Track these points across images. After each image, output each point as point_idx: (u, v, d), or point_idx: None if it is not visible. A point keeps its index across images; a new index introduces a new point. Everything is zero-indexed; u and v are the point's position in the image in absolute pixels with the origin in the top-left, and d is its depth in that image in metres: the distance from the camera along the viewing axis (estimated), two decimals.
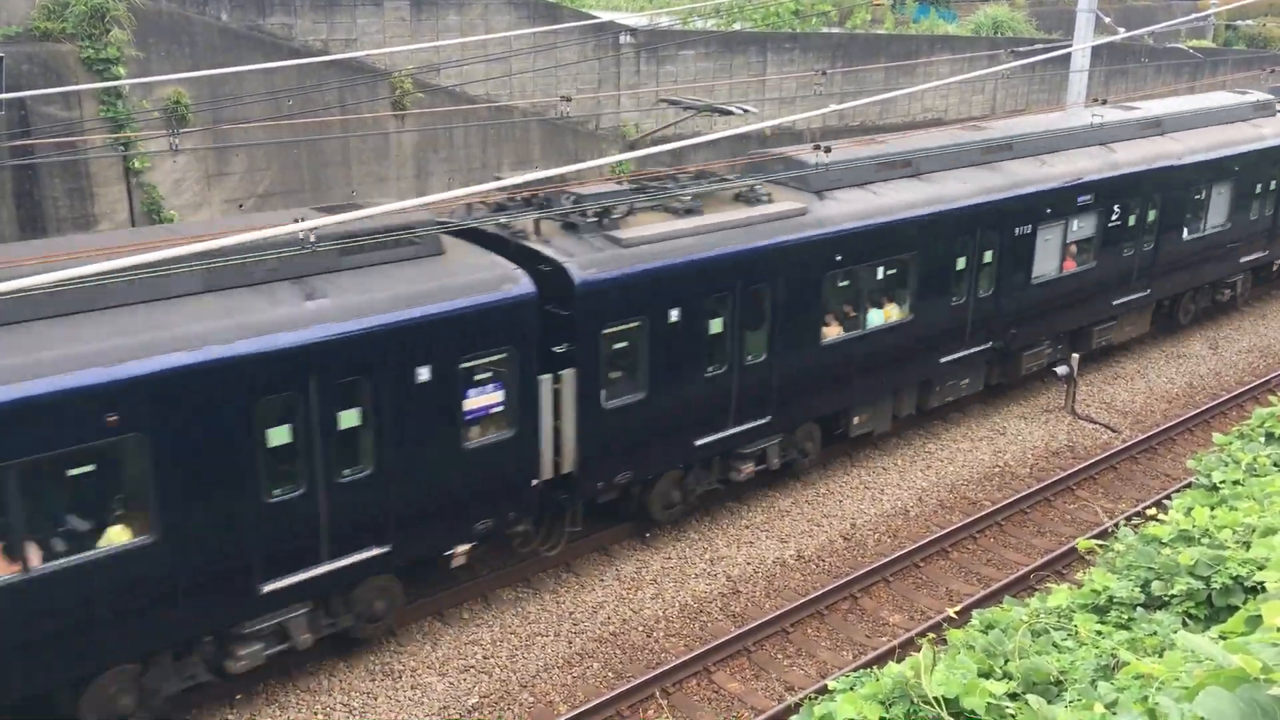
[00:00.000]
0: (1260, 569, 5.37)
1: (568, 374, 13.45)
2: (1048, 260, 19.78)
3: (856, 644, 13.68)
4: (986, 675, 4.86)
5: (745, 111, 17.84)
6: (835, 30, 34.14)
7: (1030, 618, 5.81)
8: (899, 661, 4.87)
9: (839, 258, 16.14)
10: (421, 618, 13.69)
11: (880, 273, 16.99)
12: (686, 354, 14.56)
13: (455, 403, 12.38)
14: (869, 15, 37.55)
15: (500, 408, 12.86)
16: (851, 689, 4.93)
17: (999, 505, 16.78)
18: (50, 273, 7.85)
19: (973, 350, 18.82)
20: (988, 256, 18.48)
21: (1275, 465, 8.06)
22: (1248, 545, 5.88)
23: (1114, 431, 19.93)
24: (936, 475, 18.01)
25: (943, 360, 18.32)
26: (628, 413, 14.13)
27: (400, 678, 12.75)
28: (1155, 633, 5.36)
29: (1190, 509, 6.79)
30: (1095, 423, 20.23)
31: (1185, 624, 5.51)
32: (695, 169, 17.58)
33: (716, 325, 14.84)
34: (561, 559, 14.89)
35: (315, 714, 12.14)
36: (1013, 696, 4.65)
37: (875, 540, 16.05)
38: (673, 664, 12.85)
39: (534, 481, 13.39)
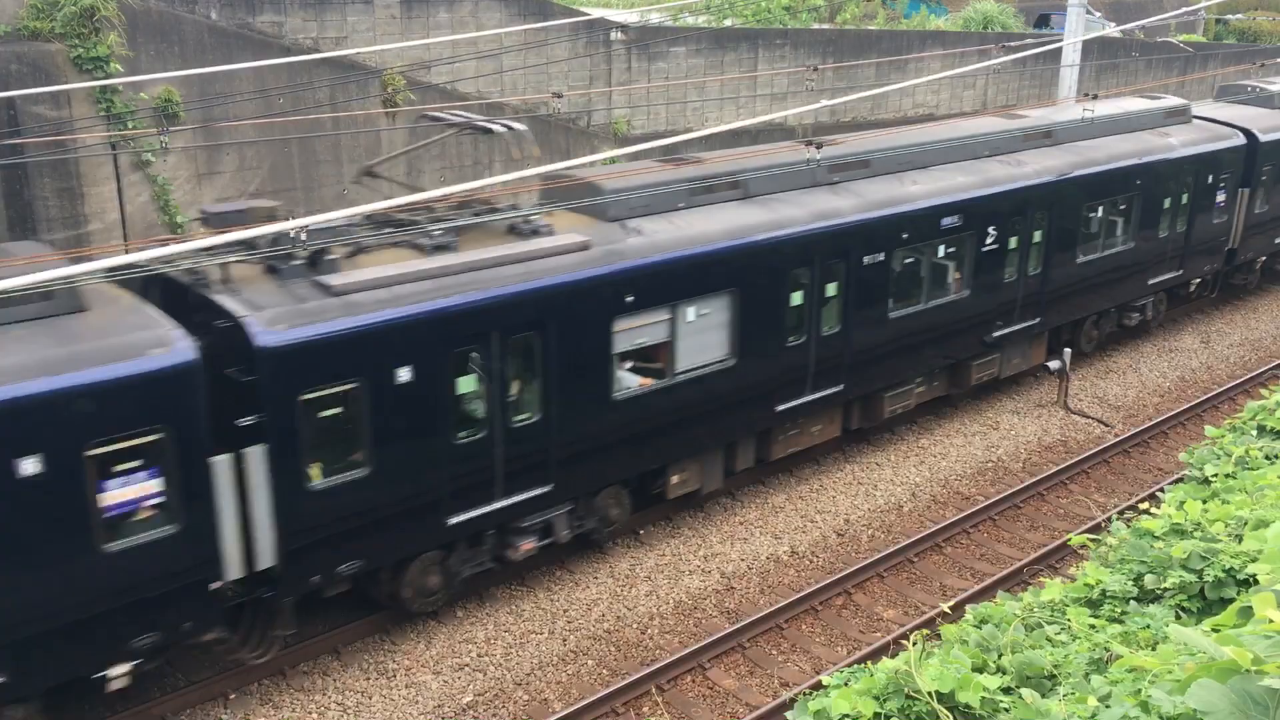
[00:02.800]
0: (1252, 561, 5.38)
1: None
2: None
3: (851, 639, 13.70)
4: (980, 669, 4.88)
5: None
6: (826, 26, 34.14)
7: (1024, 612, 5.83)
8: (893, 657, 4.87)
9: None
10: (415, 616, 13.67)
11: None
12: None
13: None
14: (860, 11, 37.55)
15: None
16: (846, 684, 4.93)
17: (992, 500, 16.82)
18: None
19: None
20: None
21: (1267, 458, 8.09)
22: (1240, 538, 5.90)
23: (1106, 426, 19.98)
24: (930, 470, 18.03)
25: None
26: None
27: (394, 676, 12.74)
28: (1148, 626, 5.38)
29: (1183, 502, 6.81)
30: (1088, 417, 20.27)
31: (1178, 617, 5.53)
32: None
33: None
34: (558, 557, 14.89)
35: (310, 713, 12.12)
36: (1007, 690, 4.67)
37: (869, 536, 16.07)
38: (667, 661, 12.86)
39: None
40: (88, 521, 10.21)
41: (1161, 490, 13.50)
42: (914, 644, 4.75)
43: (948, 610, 8.35)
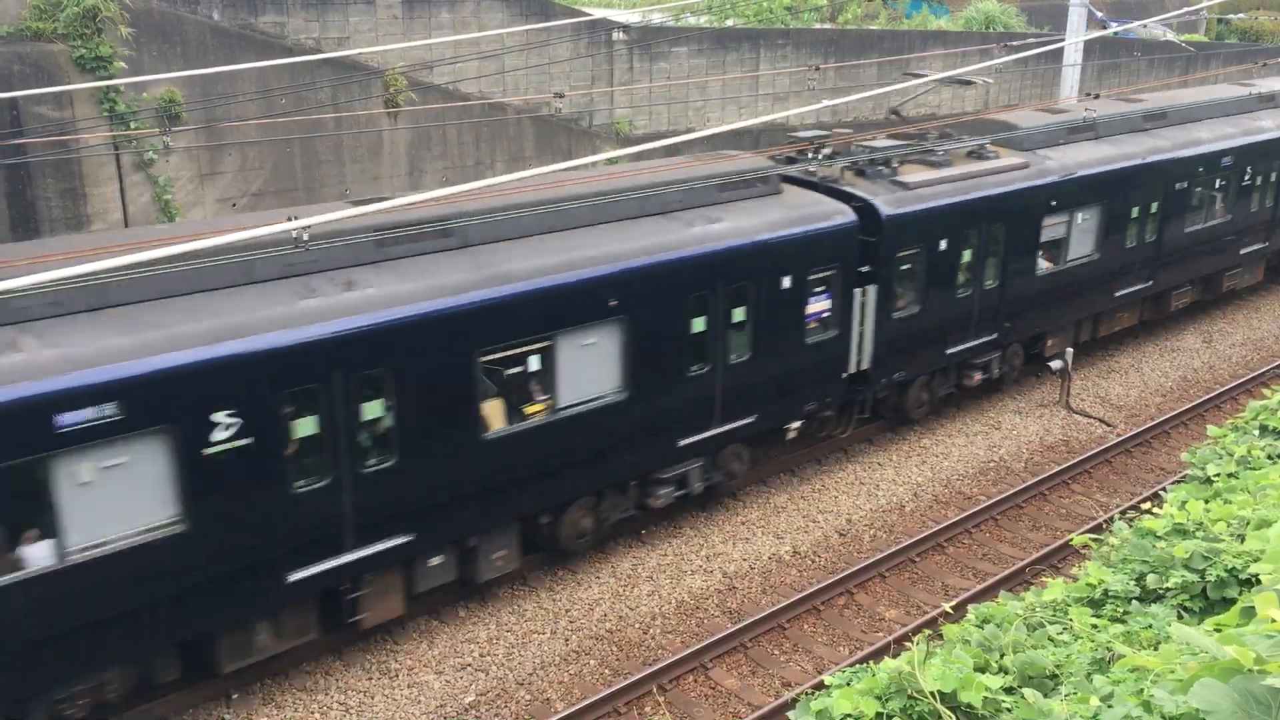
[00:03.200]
0: (1254, 561, 5.38)
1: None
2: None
3: (853, 639, 13.70)
4: (982, 669, 4.87)
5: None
6: (828, 26, 34.14)
7: (1026, 612, 5.82)
8: (895, 657, 4.88)
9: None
10: (418, 616, 13.68)
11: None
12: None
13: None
14: (861, 11, 37.54)
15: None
16: (848, 684, 4.93)
17: (994, 500, 16.81)
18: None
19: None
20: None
21: (1269, 458, 8.09)
22: (1242, 538, 5.89)
23: (1108, 425, 19.97)
24: (932, 470, 18.03)
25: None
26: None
27: (397, 676, 12.75)
28: (1150, 626, 5.37)
29: (1185, 502, 6.80)
30: (1090, 417, 20.27)
31: (1180, 617, 5.53)
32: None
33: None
34: (559, 557, 14.91)
35: (312, 713, 12.13)
36: (1009, 690, 4.67)
37: (871, 536, 16.07)
38: (669, 660, 12.86)
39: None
40: (803, 323, 15.96)
41: (1164, 490, 13.50)
42: (916, 644, 4.75)
43: (950, 610, 8.34)
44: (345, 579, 12.09)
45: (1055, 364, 20.51)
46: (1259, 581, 5.11)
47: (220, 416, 10.57)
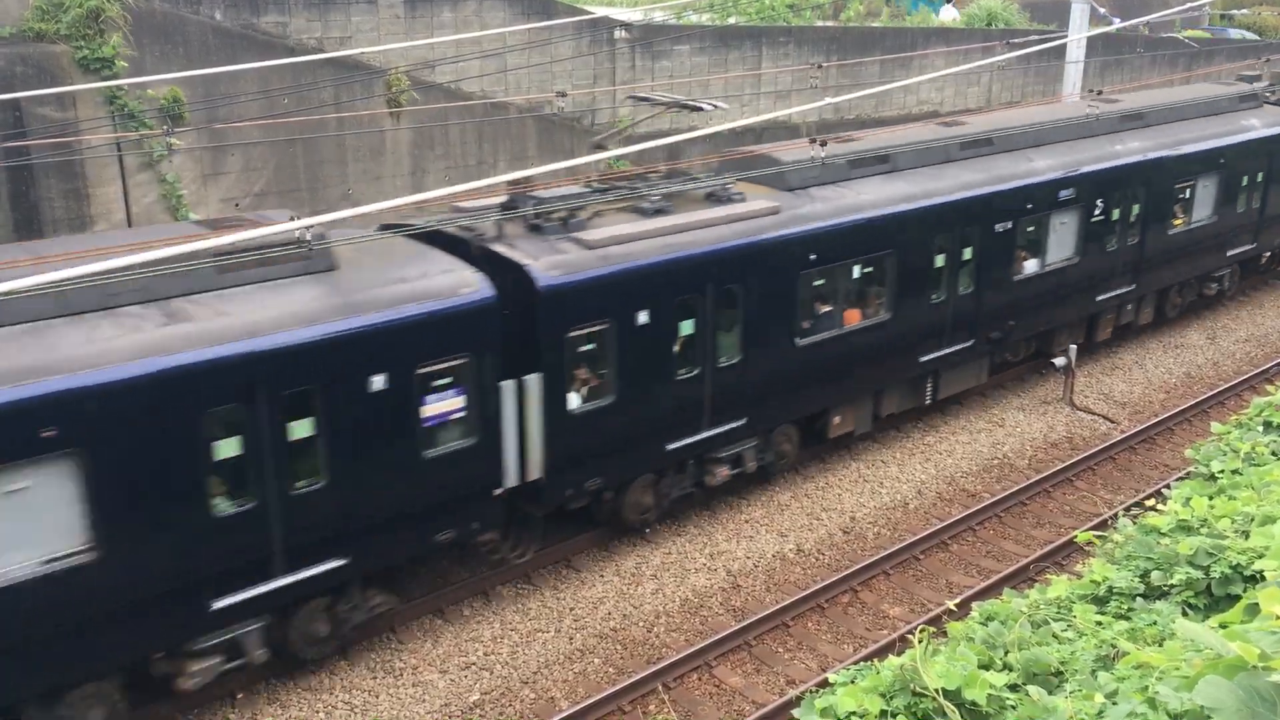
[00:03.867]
0: (1259, 558, 5.37)
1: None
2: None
3: (857, 637, 13.69)
4: (987, 667, 4.87)
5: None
6: (830, 24, 34.12)
7: (1030, 609, 5.81)
8: (899, 654, 4.87)
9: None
10: (422, 615, 13.70)
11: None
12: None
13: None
14: (863, 8, 37.52)
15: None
16: (852, 682, 4.93)
17: (998, 497, 16.80)
18: None
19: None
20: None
21: (1273, 454, 8.07)
22: (1246, 534, 5.89)
23: (1112, 422, 19.95)
24: (935, 468, 18.02)
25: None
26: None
27: (401, 675, 12.76)
28: (1155, 623, 5.37)
29: (1189, 499, 6.80)
30: (1093, 414, 20.25)
31: (1185, 614, 5.52)
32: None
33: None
34: (562, 555, 14.92)
35: (317, 712, 12.15)
36: (1013, 688, 4.66)
37: (875, 533, 16.07)
38: (673, 659, 12.87)
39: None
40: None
41: (1168, 487, 13.48)
42: (920, 641, 4.75)
43: (954, 607, 8.34)
44: None
45: (1059, 361, 20.48)
46: (1264, 578, 5.11)
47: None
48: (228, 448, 10.94)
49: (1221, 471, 7.74)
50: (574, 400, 13.70)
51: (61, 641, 10.34)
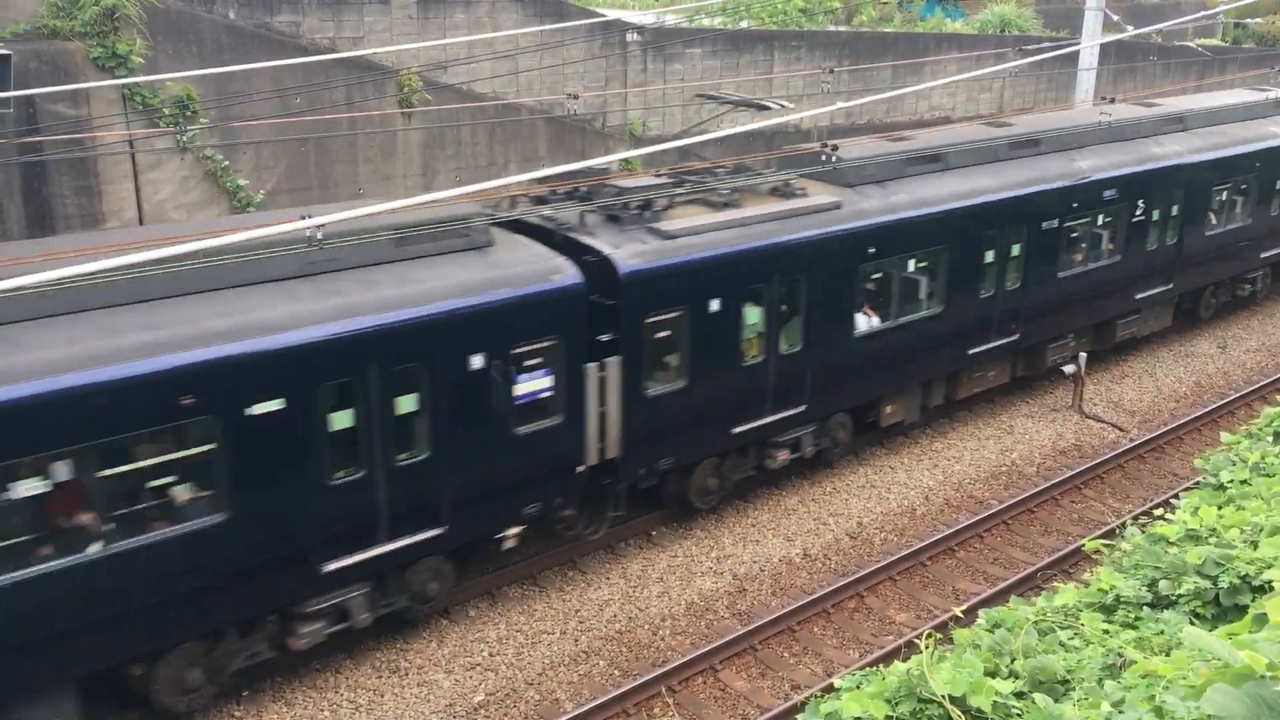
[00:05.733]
0: (1268, 568, 5.36)
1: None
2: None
3: (863, 642, 13.67)
4: (993, 674, 4.86)
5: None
6: (842, 28, 34.09)
7: (1037, 616, 5.80)
8: (905, 660, 4.87)
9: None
10: (428, 615, 13.71)
11: None
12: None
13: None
14: (875, 13, 37.48)
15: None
16: (858, 687, 4.92)
17: (1006, 504, 16.76)
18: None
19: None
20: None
21: None
22: (1255, 544, 5.87)
23: (1121, 430, 19.89)
24: (943, 474, 17.99)
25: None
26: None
27: (407, 675, 12.78)
28: (1162, 632, 5.35)
29: (1198, 508, 6.78)
30: (1103, 422, 20.19)
31: (1192, 623, 5.50)
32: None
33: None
34: (566, 555, 14.93)
35: (322, 710, 12.17)
36: (1019, 695, 4.65)
37: (882, 539, 16.04)
38: (679, 662, 12.86)
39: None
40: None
41: (1177, 496, 13.44)
42: (926, 647, 4.74)
43: (960, 614, 8.33)
44: None
45: (1068, 368, 20.43)
46: (1272, 588, 5.10)
47: None
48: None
49: (1230, 481, 7.71)
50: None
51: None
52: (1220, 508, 6.72)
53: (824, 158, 16.82)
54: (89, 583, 10.22)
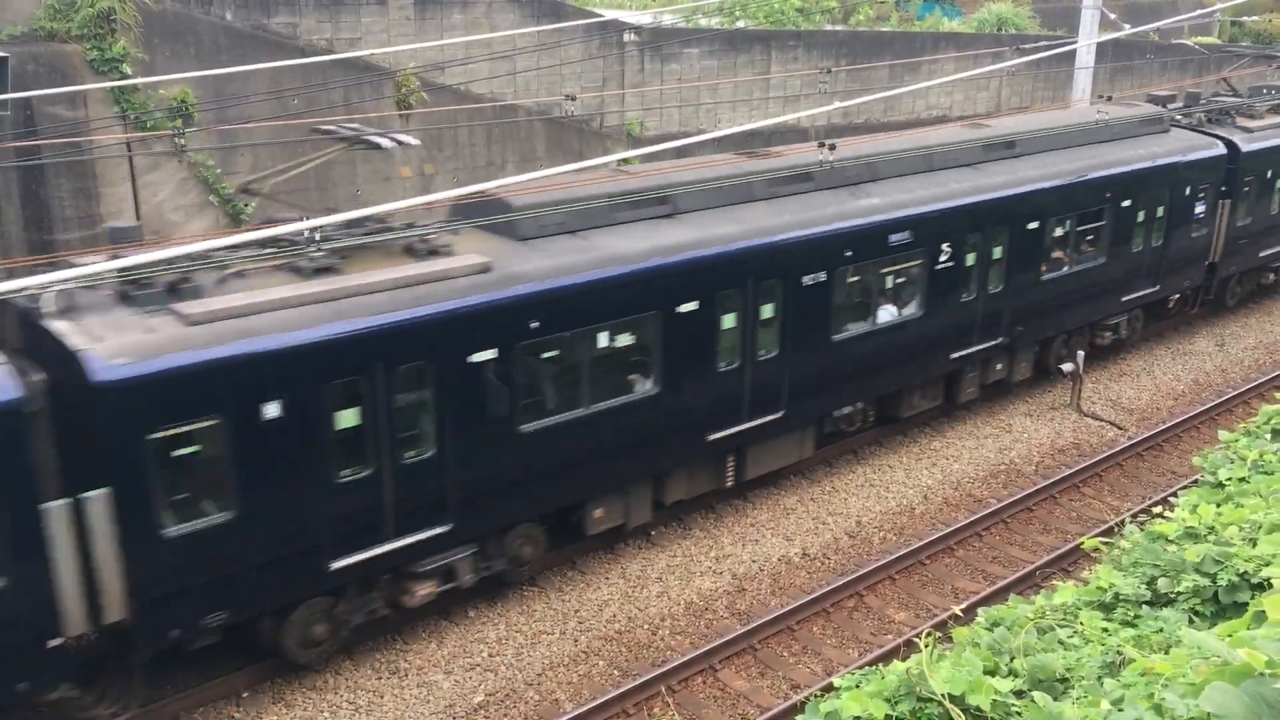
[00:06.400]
0: (1266, 565, 5.36)
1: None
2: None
3: (862, 641, 13.68)
4: (992, 672, 4.86)
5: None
6: (839, 28, 34.10)
7: (1036, 615, 5.81)
8: (904, 659, 4.87)
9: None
10: (427, 616, 13.71)
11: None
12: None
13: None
14: (872, 12, 37.49)
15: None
16: (857, 686, 4.93)
17: (1005, 503, 16.77)
18: None
19: None
20: None
21: None
22: (1254, 542, 5.87)
23: (1120, 429, 19.91)
24: (942, 473, 18.00)
25: None
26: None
27: (406, 675, 12.78)
28: (1161, 630, 5.36)
29: (1196, 506, 6.78)
30: (1101, 420, 20.21)
31: (1191, 621, 5.51)
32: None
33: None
34: (568, 557, 14.92)
35: (321, 711, 12.17)
36: (1019, 694, 4.65)
37: (881, 538, 16.05)
38: (678, 662, 12.86)
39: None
40: None
41: (1175, 494, 13.45)
42: (925, 646, 4.75)
43: (959, 613, 8.33)
44: None
45: (1066, 367, 20.45)
46: (1271, 586, 5.10)
47: None
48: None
49: (1229, 479, 7.71)
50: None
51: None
52: (1219, 505, 6.72)
53: (820, 160, 16.08)
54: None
